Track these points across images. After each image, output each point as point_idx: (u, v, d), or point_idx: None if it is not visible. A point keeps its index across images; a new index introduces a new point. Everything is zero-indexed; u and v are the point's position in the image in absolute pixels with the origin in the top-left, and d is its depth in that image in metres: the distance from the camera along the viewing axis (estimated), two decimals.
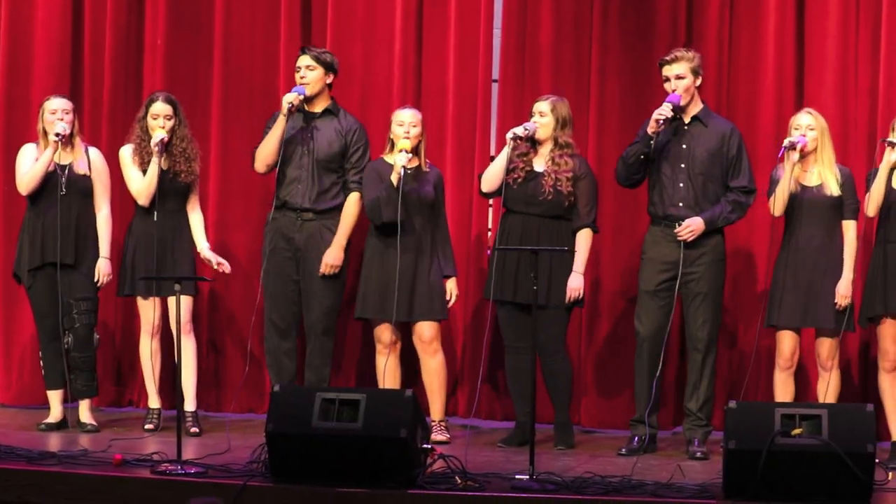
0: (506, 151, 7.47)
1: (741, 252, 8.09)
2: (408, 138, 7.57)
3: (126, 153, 7.84)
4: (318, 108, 7.74)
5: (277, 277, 7.70)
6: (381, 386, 7.63)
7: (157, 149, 7.66)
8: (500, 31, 8.44)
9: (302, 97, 7.60)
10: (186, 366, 7.79)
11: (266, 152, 7.68)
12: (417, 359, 7.82)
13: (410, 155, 7.55)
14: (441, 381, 7.74)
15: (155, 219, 7.68)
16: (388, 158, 7.63)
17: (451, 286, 7.73)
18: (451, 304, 7.73)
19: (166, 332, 7.86)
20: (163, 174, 7.73)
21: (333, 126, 7.73)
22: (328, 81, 7.73)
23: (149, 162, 7.71)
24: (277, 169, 7.66)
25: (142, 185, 7.75)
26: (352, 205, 7.73)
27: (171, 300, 7.77)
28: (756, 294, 7.94)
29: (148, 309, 7.84)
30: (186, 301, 7.78)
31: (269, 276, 7.68)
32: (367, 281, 7.67)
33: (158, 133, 7.68)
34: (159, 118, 7.76)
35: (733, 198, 7.40)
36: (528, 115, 7.63)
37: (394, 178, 7.50)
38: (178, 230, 7.83)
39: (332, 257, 7.66)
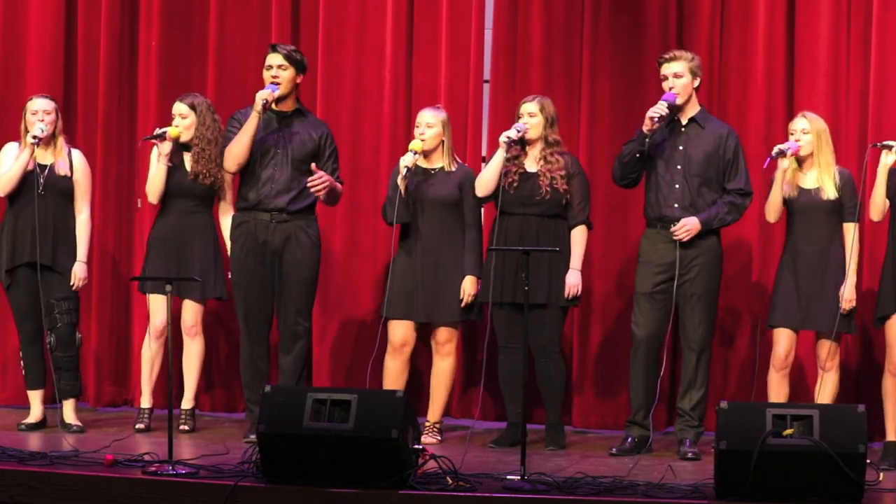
0: (500, 155, 7.48)
1: (737, 253, 8.10)
2: (421, 139, 7.58)
3: (155, 149, 7.92)
4: (288, 108, 7.62)
5: (251, 283, 7.57)
6: (385, 387, 7.61)
7: (163, 149, 7.74)
8: (490, 31, 8.45)
9: (276, 94, 7.50)
10: (190, 366, 7.92)
11: (238, 150, 7.52)
12: (426, 363, 7.82)
13: (417, 156, 7.54)
14: (445, 384, 7.73)
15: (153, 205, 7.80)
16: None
17: (465, 285, 7.59)
18: (463, 303, 7.60)
19: (174, 334, 7.85)
20: (184, 174, 7.80)
21: (305, 127, 7.62)
22: (298, 81, 7.64)
23: (169, 156, 7.80)
24: (244, 170, 7.59)
25: (147, 185, 7.88)
26: None
27: (185, 302, 7.92)
28: (750, 295, 7.95)
29: (155, 309, 7.85)
30: (194, 305, 7.87)
31: (242, 283, 7.60)
32: (391, 282, 7.67)
33: (170, 130, 7.79)
34: (175, 117, 7.86)
35: (730, 199, 7.40)
36: (515, 117, 7.63)
37: (399, 182, 7.52)
38: (193, 232, 7.86)
39: None
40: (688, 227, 7.33)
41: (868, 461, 6.03)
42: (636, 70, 8.10)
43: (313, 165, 7.46)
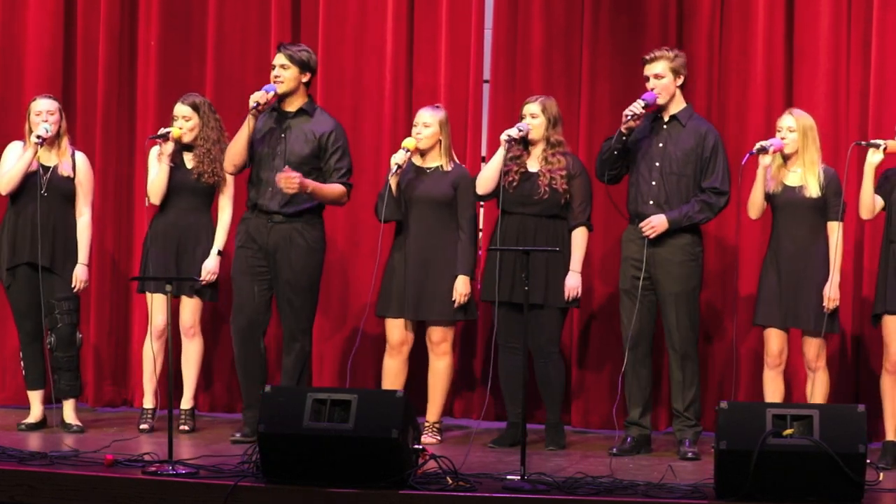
0: (500, 154, 7.48)
1: (727, 251, 8.11)
2: (416, 138, 7.57)
3: (153, 150, 7.91)
4: (293, 107, 7.57)
5: (245, 280, 7.56)
6: (384, 386, 7.61)
7: (166, 150, 7.78)
8: (490, 31, 8.45)
9: (271, 95, 7.45)
10: (188, 366, 7.94)
11: (233, 152, 7.54)
12: (425, 361, 7.82)
13: (409, 153, 7.53)
14: (443, 384, 7.72)
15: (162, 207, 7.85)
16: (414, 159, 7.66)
17: (458, 285, 7.56)
18: (456, 304, 7.58)
19: (173, 334, 7.85)
20: (185, 173, 7.81)
21: (306, 127, 7.54)
22: (304, 80, 7.56)
23: (171, 156, 7.82)
24: (251, 169, 7.59)
25: (150, 186, 7.86)
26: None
27: (184, 300, 7.92)
28: (742, 293, 7.94)
29: (155, 309, 7.84)
30: (193, 303, 7.88)
31: (237, 278, 7.60)
32: (385, 280, 7.68)
33: (173, 130, 7.82)
34: (178, 119, 7.86)
35: (703, 198, 7.38)
36: (518, 117, 7.64)
37: (390, 179, 7.51)
38: (192, 231, 7.87)
39: None
40: (653, 223, 7.33)
41: (868, 461, 6.04)
42: (636, 70, 8.05)
43: (286, 167, 7.40)
